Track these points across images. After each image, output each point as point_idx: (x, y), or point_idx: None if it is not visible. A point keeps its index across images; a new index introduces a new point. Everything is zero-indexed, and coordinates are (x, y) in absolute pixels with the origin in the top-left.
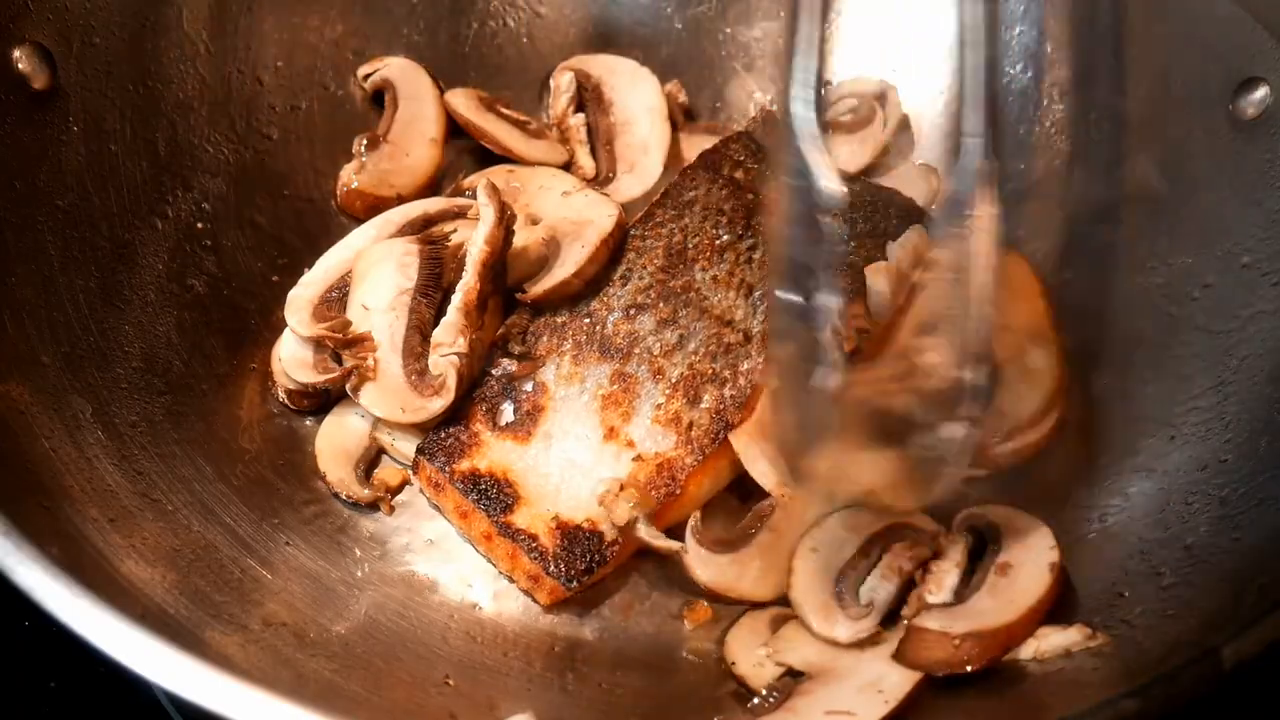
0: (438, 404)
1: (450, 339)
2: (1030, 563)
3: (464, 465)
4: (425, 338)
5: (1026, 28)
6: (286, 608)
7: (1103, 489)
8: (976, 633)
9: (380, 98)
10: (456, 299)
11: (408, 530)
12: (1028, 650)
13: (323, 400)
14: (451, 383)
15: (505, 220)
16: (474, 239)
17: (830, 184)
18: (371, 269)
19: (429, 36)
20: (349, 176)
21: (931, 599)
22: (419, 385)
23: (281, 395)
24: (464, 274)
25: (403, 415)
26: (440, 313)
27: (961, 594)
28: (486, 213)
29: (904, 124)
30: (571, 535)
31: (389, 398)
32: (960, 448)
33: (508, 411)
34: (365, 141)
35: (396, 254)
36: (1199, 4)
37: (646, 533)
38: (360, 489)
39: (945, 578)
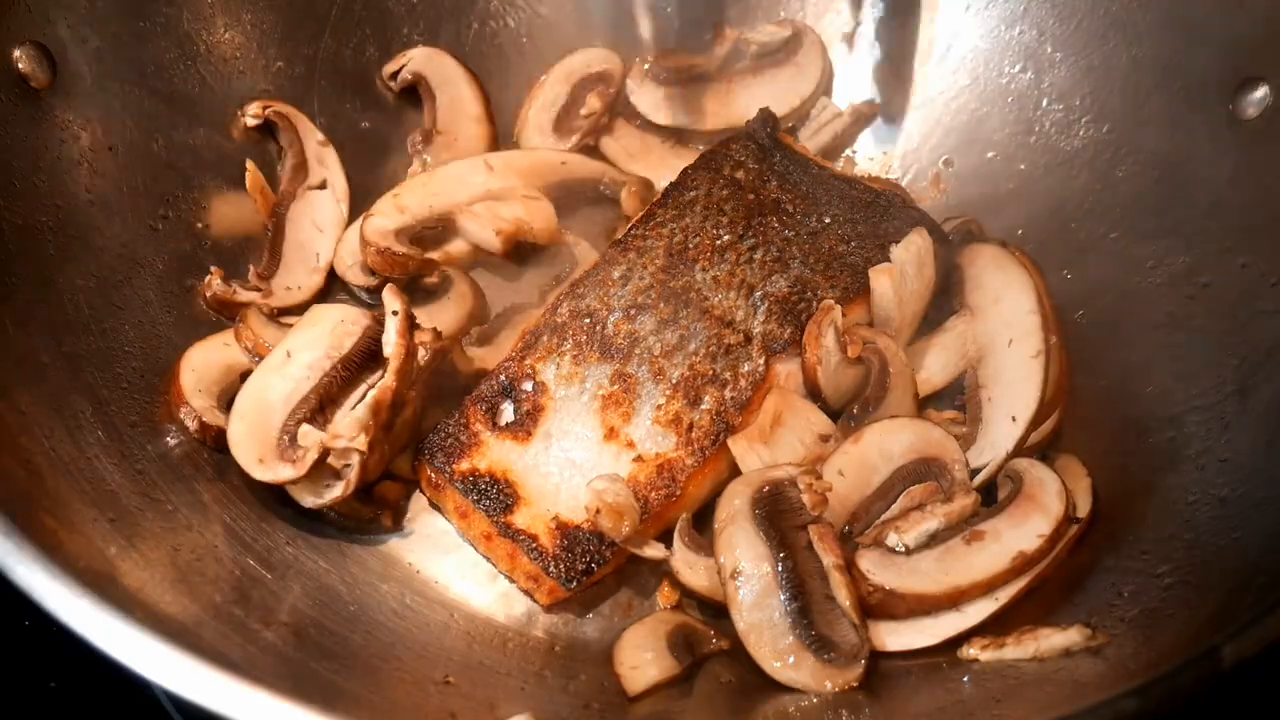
0: (286, 473)
1: (352, 432)
2: (1002, 542)
3: (464, 465)
4: (321, 406)
5: (1026, 28)
6: (287, 607)
7: (1103, 489)
8: (892, 591)
9: (412, 93)
10: (371, 395)
11: (407, 530)
12: (1028, 650)
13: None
14: (353, 476)
15: (411, 323)
16: (387, 339)
17: None
18: (318, 322)
19: (429, 37)
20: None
21: (893, 539)
22: (282, 448)
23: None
24: (386, 373)
25: (257, 468)
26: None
27: (928, 542)
28: (392, 310)
29: (868, 116)
30: (571, 535)
31: (255, 445)
32: None
33: (508, 411)
34: (419, 138)
35: (336, 319)
36: (1199, 4)
37: (632, 543)
38: (360, 506)
39: (923, 524)
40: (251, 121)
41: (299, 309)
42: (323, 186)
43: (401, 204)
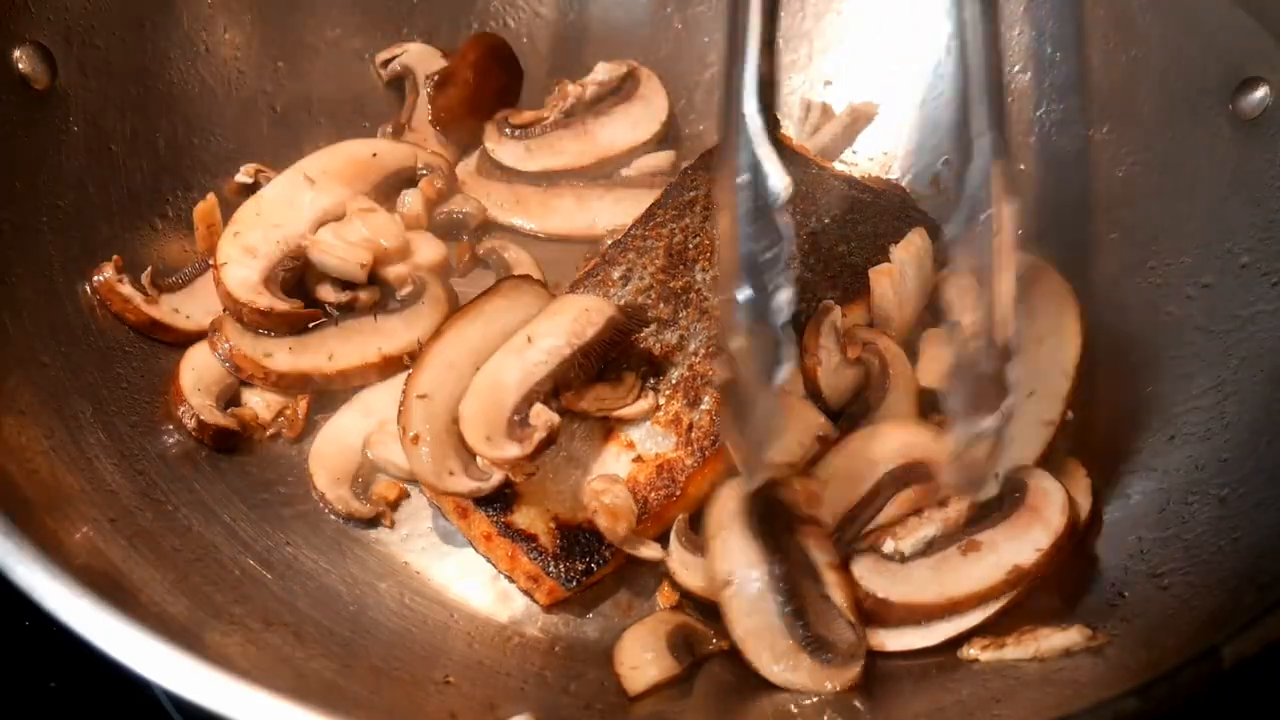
0: (512, 452)
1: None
2: (999, 554)
3: None
4: (555, 391)
5: (1026, 28)
6: (287, 608)
7: (1103, 489)
8: (884, 599)
9: (398, 85)
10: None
11: (407, 530)
12: (1028, 650)
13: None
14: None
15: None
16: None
17: (779, 180)
18: (563, 310)
19: (429, 37)
20: None
21: (889, 545)
22: (511, 427)
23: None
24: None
25: (484, 444)
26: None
27: (924, 550)
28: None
29: (868, 116)
30: (571, 535)
31: (484, 424)
32: (992, 439)
33: None
34: (390, 131)
35: (580, 308)
36: (1199, 4)
37: (629, 543)
38: (359, 505)
39: (920, 530)
40: (242, 179)
41: (171, 332)
42: None
43: (247, 244)
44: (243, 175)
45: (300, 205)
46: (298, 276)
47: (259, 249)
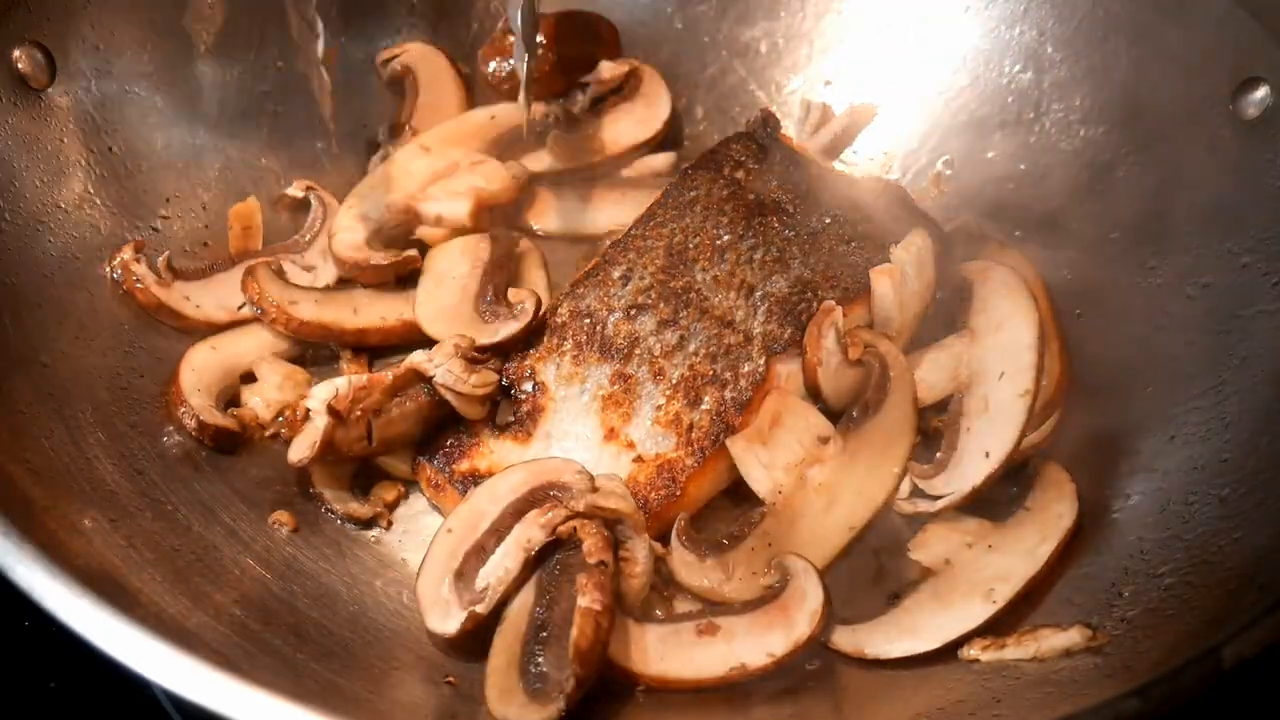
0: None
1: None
2: (731, 646)
3: (464, 466)
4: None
5: (1026, 28)
6: (287, 608)
7: (1103, 488)
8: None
9: (398, 85)
10: None
11: (407, 530)
12: (1028, 650)
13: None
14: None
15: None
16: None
17: None
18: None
19: (429, 36)
20: (375, 166)
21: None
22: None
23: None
24: None
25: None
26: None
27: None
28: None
29: (868, 116)
30: None
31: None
32: None
33: (508, 412)
34: (388, 130)
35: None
36: (1199, 4)
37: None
38: (358, 506)
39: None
40: (293, 193)
41: (177, 318)
42: (308, 270)
43: (359, 214)
44: (294, 189)
45: (414, 171)
46: (408, 231)
47: (369, 215)
